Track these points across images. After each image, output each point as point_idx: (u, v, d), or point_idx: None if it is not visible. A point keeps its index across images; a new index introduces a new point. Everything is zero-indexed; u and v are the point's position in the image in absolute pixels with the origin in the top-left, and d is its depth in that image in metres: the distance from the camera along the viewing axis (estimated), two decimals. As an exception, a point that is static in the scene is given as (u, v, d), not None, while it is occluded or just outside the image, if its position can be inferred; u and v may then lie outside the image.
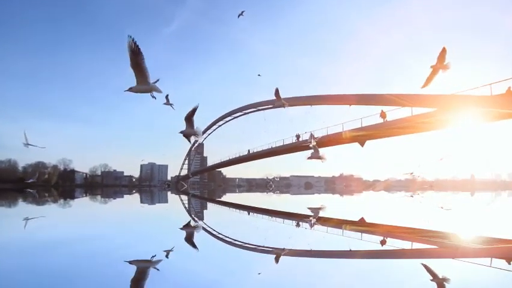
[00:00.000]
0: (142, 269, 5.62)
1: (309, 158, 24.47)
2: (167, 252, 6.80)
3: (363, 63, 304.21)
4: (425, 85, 19.23)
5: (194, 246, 7.63)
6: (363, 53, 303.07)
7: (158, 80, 12.79)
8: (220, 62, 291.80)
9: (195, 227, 11.12)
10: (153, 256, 6.37)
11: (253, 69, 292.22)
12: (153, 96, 12.83)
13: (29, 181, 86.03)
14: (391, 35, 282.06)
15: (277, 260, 6.24)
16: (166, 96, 16.03)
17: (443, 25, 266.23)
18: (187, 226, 11.33)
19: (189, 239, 8.54)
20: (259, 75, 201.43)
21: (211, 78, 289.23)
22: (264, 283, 5.10)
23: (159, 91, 12.65)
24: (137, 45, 10.90)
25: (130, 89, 12.15)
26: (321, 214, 16.14)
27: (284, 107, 22.75)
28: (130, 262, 5.94)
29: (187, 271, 5.63)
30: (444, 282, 4.97)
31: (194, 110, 13.97)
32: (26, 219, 12.82)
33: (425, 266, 5.58)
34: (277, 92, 23.80)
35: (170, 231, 10.44)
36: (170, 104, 16.23)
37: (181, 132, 14.44)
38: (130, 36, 10.57)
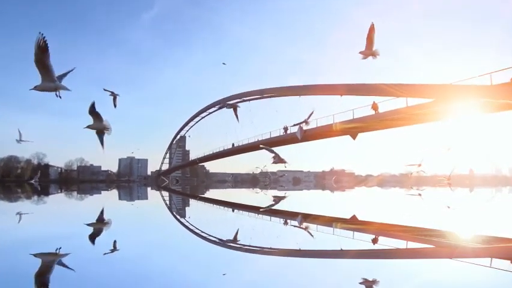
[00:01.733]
0: (47, 262, 5.69)
1: (273, 162, 24.97)
2: (111, 250, 6.76)
3: (354, 51, 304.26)
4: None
5: (93, 242, 7.67)
6: (354, 40, 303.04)
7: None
8: (204, 49, 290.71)
9: (105, 224, 11.15)
10: (58, 248, 6.37)
11: (238, 58, 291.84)
12: (58, 96, 12.97)
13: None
14: (383, 21, 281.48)
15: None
16: (113, 94, 16.20)
17: (439, 11, 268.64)
18: (97, 222, 11.35)
19: (93, 236, 8.54)
20: (224, 63, 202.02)
21: (194, 67, 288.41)
22: (248, 285, 5.07)
23: (66, 89, 12.89)
24: (46, 43, 11.65)
25: (35, 88, 12.73)
26: (310, 210, 16.15)
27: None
28: (35, 255, 5.97)
29: (167, 272, 5.57)
30: (374, 286, 4.96)
31: (93, 105, 14.04)
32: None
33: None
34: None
35: (143, 229, 10.39)
36: (114, 97, 16.34)
37: (88, 127, 14.47)
38: (41, 33, 11.30)
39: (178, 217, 14.01)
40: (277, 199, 25.83)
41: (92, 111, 14.37)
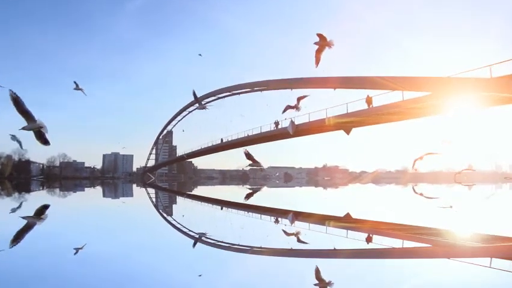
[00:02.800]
0: None
1: (249, 165, 25.16)
2: (77, 249, 6.72)
3: (348, 43, 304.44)
4: (316, 64, 20.07)
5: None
6: (349, 31, 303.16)
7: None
8: (190, 40, 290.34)
9: (38, 218, 11.16)
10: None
11: (227, 49, 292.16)
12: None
13: None
14: (379, 11, 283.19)
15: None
16: (75, 83, 16.62)
17: (437, 0, 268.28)
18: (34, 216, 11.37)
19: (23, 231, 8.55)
20: (200, 55, 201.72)
21: (180, 59, 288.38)
22: (236, 286, 5.03)
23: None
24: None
25: (23, 128, 14.75)
26: (302, 208, 16.14)
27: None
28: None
29: (153, 272, 5.52)
30: (328, 287, 4.93)
31: (18, 102, 14.63)
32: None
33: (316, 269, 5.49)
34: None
35: (125, 228, 10.34)
36: (81, 89, 16.69)
37: (23, 128, 15.05)
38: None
39: (164, 216, 13.97)
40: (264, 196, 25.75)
41: (22, 110, 14.47)
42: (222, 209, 17.36)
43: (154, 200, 23.55)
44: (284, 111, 39.12)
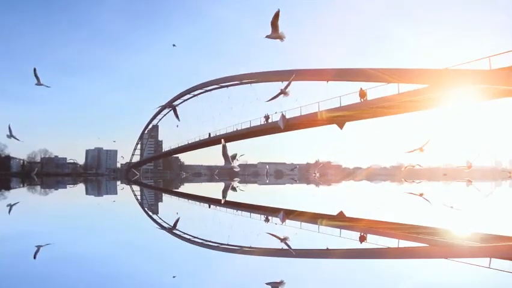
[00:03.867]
0: None
1: (223, 167, 25.60)
2: (38, 248, 6.70)
3: (342, 34, 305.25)
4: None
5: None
6: (342, 21, 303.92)
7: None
8: (177, 31, 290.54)
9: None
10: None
11: (215, 41, 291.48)
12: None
13: None
14: (374, 1, 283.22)
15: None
16: (38, 83, 16.61)
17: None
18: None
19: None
20: (174, 45, 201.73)
21: (167, 51, 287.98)
22: (226, 287, 5.01)
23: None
24: None
25: None
26: (294, 207, 16.14)
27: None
28: None
29: (136, 273, 5.49)
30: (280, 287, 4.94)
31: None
32: None
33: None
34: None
35: (109, 228, 10.30)
36: (42, 84, 16.65)
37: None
38: None
39: (149, 215, 13.95)
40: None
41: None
42: (209, 207, 17.35)
43: (139, 198, 23.46)
44: (272, 99, 39.04)
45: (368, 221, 11.33)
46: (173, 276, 5.22)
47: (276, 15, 19.63)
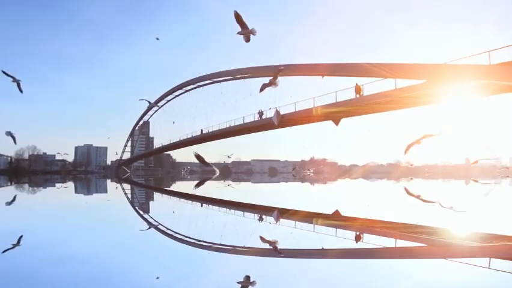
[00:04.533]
0: None
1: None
2: (14, 245, 6.70)
3: (338, 27, 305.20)
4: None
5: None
6: (338, 15, 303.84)
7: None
8: (169, 24, 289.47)
9: None
10: None
11: (208, 34, 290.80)
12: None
13: None
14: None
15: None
16: (15, 80, 16.52)
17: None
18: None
19: None
20: (157, 38, 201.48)
21: (158, 45, 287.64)
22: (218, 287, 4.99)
23: None
24: None
25: None
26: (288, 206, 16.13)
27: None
28: None
29: (129, 272, 5.47)
30: (251, 286, 4.92)
31: None
32: None
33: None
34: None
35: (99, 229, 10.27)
36: (17, 83, 16.58)
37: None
38: None
39: (140, 214, 13.94)
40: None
41: None
42: (202, 205, 17.33)
43: (130, 197, 23.44)
44: (261, 90, 38.83)
45: (364, 220, 11.31)
46: (157, 278, 5.18)
47: (236, 16, 20.19)
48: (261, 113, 55.39)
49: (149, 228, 9.85)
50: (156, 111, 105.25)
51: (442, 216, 12.92)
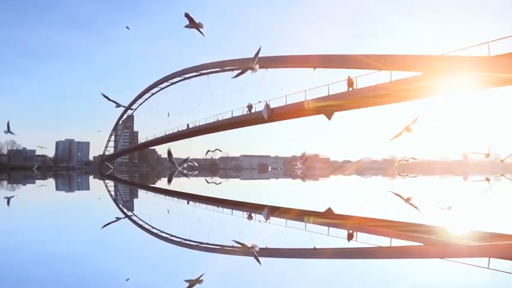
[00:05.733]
0: None
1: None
2: None
3: (331, 18, 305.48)
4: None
5: None
6: (331, 4, 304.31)
7: None
8: (155, 15, 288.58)
9: None
10: None
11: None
12: None
13: None
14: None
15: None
16: None
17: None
18: None
19: None
20: (127, 27, 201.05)
21: (143, 37, 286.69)
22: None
23: None
24: None
25: None
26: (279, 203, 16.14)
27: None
28: None
29: (111, 274, 5.43)
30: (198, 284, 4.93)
31: None
32: None
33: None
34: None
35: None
36: None
37: None
38: None
39: (124, 212, 13.89)
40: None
41: None
42: (188, 203, 17.31)
43: (113, 195, 23.39)
44: (237, 75, 38.33)
45: (358, 218, 11.29)
46: (127, 279, 5.15)
47: (186, 16, 20.67)
48: (250, 107, 55.18)
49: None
50: (141, 104, 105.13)
51: (439, 214, 12.93)
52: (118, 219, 10.95)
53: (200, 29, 21.60)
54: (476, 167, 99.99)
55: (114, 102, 38.99)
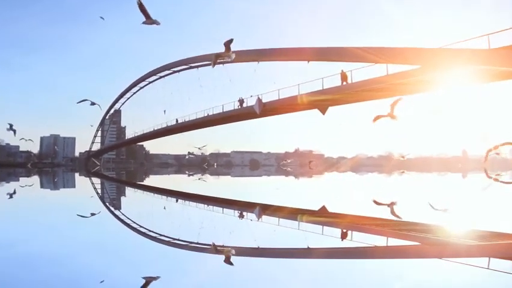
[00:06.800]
0: None
1: None
2: None
3: (326, 10, 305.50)
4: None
5: None
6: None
7: None
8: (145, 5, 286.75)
9: None
10: None
11: (185, 16, 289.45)
12: None
13: None
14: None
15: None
16: None
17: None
18: None
19: None
20: (101, 17, 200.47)
21: (130, 29, 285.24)
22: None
23: None
24: None
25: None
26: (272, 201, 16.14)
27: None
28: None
29: (98, 274, 5.39)
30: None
31: None
32: None
33: None
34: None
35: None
36: None
37: None
38: None
39: (111, 211, 13.87)
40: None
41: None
42: (177, 201, 17.29)
43: (99, 192, 23.35)
44: (214, 64, 37.77)
45: (353, 217, 11.28)
46: (101, 281, 5.11)
47: (140, 6, 21.03)
48: (241, 101, 54.92)
49: (121, 225, 9.80)
50: (129, 98, 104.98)
51: (437, 212, 12.93)
52: (92, 214, 10.95)
53: (157, 24, 21.82)
54: (476, 164, 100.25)
55: (86, 100, 38.91)
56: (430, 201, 16.25)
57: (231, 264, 5.93)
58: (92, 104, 42.08)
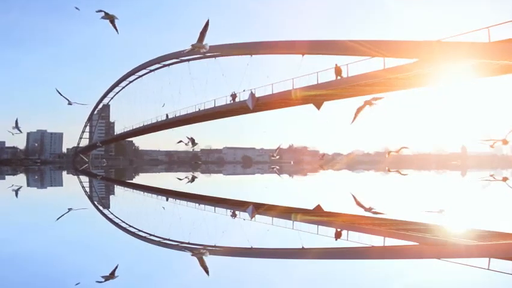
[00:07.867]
0: None
1: None
2: None
3: (321, 2, 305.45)
4: None
5: None
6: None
7: None
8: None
9: None
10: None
11: (176, 8, 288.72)
12: None
13: None
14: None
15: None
16: None
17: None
18: None
19: None
20: (76, 8, 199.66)
21: (119, 21, 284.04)
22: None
23: None
24: None
25: None
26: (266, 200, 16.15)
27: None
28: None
29: (88, 275, 5.38)
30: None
31: None
32: None
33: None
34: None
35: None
36: None
37: None
38: None
39: (100, 210, 13.86)
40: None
41: None
42: (167, 200, 17.27)
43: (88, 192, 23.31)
44: (188, 52, 37.24)
45: (349, 216, 11.30)
46: (77, 283, 5.08)
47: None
48: (234, 96, 54.71)
49: (112, 225, 9.79)
50: (117, 92, 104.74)
51: (435, 212, 12.93)
52: (69, 209, 10.95)
53: (114, 21, 21.81)
54: (475, 161, 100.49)
55: (66, 99, 38.66)
56: (426, 206, 16.32)
57: (207, 271, 5.80)
58: (69, 103, 41.90)
